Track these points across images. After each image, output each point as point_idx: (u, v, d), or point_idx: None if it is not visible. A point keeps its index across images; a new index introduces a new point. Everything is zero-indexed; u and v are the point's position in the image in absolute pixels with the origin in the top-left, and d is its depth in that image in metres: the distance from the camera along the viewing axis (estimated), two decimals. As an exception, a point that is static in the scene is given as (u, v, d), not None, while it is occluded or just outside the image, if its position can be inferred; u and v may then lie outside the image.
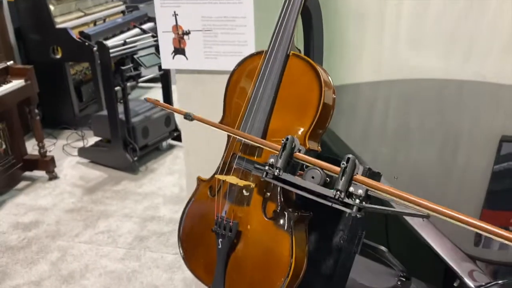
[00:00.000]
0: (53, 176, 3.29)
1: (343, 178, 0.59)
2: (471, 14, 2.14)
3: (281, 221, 0.76)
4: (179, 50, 1.31)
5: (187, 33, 1.28)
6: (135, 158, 3.32)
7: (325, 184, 0.62)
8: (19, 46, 3.76)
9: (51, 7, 3.67)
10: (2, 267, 2.45)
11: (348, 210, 0.60)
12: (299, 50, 0.84)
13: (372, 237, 1.13)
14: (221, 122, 0.82)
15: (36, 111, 3.12)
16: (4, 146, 3.08)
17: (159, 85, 3.83)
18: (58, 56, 3.69)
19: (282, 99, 0.77)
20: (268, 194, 0.77)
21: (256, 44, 1.24)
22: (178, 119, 3.79)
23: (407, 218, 1.15)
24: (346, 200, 0.60)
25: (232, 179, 0.78)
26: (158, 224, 2.78)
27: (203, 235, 0.84)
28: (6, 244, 2.64)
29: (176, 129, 3.71)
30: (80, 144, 3.72)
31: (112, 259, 2.48)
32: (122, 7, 4.55)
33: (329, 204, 0.61)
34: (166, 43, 1.32)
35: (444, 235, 1.32)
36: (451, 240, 1.34)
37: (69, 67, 3.91)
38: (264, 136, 0.76)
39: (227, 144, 0.82)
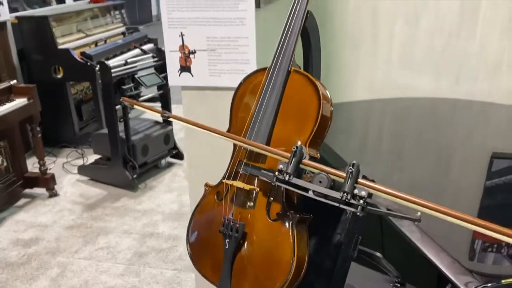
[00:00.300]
0: (53, 194, 3.32)
1: (349, 181, 0.66)
2: (461, 36, 2.23)
3: (284, 222, 0.82)
4: (185, 68, 1.39)
5: (193, 52, 1.36)
6: (135, 176, 3.37)
7: (331, 188, 0.68)
8: (22, 66, 3.84)
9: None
10: (2, 283, 2.47)
11: (353, 210, 0.66)
12: (299, 66, 0.91)
13: (368, 244, 1.18)
14: (228, 131, 0.88)
15: (38, 129, 3.18)
16: (5, 164, 3.12)
17: (159, 104, 3.90)
18: (60, 75, 3.76)
19: (284, 111, 0.84)
20: (272, 197, 0.83)
21: (257, 62, 1.32)
22: (177, 137, 3.86)
23: (406, 231, 1.20)
24: (352, 201, 0.66)
25: (239, 183, 0.84)
26: (157, 241, 2.81)
27: (211, 237, 0.90)
28: (6, 260, 2.66)
29: (175, 147, 3.77)
30: (79, 162, 3.76)
31: (111, 275, 2.50)
32: (123, 29, 4.66)
33: (337, 204, 0.67)
34: (173, 61, 1.40)
35: (439, 245, 1.36)
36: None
37: (70, 87, 3.98)
38: (268, 144, 0.82)
39: (233, 152, 0.89)
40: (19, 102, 2.99)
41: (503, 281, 1.01)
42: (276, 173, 0.71)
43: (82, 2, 5.05)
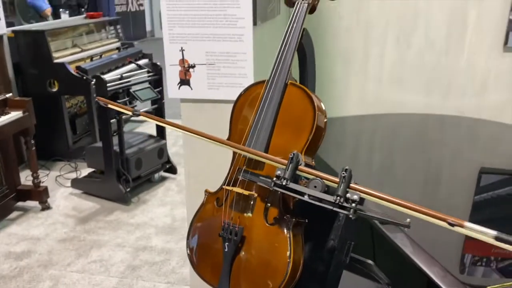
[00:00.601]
0: (46, 207, 3.32)
1: (342, 185, 0.70)
2: (450, 54, 2.32)
3: (281, 226, 0.86)
4: (184, 81, 1.44)
5: (193, 66, 1.41)
6: (128, 189, 3.38)
7: (325, 192, 0.73)
8: (17, 80, 3.87)
9: (48, 43, 3.81)
10: (-7, 296, 2.46)
11: (346, 213, 0.70)
12: (295, 80, 0.96)
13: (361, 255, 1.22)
14: (228, 139, 0.93)
15: (32, 142, 3.19)
16: (-2, 176, 3.13)
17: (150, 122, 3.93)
18: (55, 89, 3.79)
19: (281, 121, 0.90)
20: (269, 203, 0.87)
21: (254, 76, 1.37)
22: (171, 151, 3.89)
23: (399, 244, 1.22)
24: (345, 204, 0.71)
25: (238, 189, 0.88)
26: (150, 254, 2.82)
27: (211, 241, 0.93)
28: (-3, 273, 2.65)
29: (169, 161, 3.79)
30: (73, 175, 3.77)
31: (104, 288, 2.50)
32: (118, 44, 4.71)
33: (331, 207, 0.72)
34: (173, 75, 1.45)
35: (432, 257, 1.38)
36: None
37: (65, 100, 4.00)
38: (266, 152, 0.87)
39: (232, 160, 0.93)
40: (14, 115, 3.01)
41: (488, 287, 1.05)
42: (274, 178, 0.75)
43: (78, 17, 5.12)
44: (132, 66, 4.16)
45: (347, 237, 0.94)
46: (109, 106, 0.93)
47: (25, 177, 3.54)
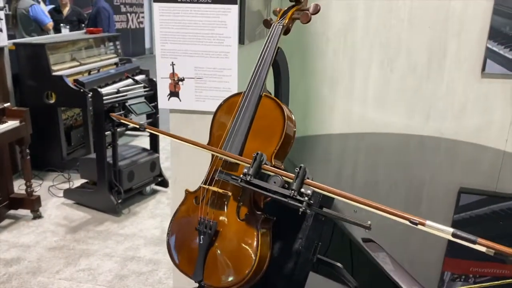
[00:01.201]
0: (37, 215, 3.37)
1: (296, 180, 0.79)
2: (430, 79, 2.44)
3: (250, 222, 0.96)
4: (174, 93, 1.55)
5: (182, 79, 1.52)
6: (119, 201, 3.44)
7: (283, 187, 0.82)
8: (16, 90, 3.96)
9: (47, 56, 3.92)
10: (-19, 300, 2.50)
11: (299, 205, 0.79)
12: (270, 92, 1.07)
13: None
14: (208, 144, 1.03)
15: (27, 151, 3.26)
16: (-8, 184, 3.18)
17: (147, 133, 4.03)
18: (52, 101, 3.88)
19: (255, 128, 1.00)
20: (241, 201, 0.97)
21: (238, 90, 1.48)
22: (164, 165, 3.97)
23: (380, 262, 1.28)
24: (299, 197, 0.80)
25: (214, 188, 0.98)
26: (138, 264, 2.87)
27: (188, 234, 1.03)
28: (-14, 278, 2.68)
29: (161, 175, 3.86)
30: (65, 186, 3.82)
31: (91, 295, 2.55)
32: (116, 59, 4.83)
33: (286, 200, 0.81)
34: (164, 87, 1.56)
35: (412, 276, 1.43)
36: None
37: (61, 112, 4.09)
38: (241, 155, 0.96)
39: (211, 162, 1.03)
40: (11, 124, 3.08)
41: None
42: (241, 175, 0.85)
43: (78, 32, 5.24)
44: (129, 81, 4.27)
45: (314, 237, 1.03)
46: (121, 121, 1.03)
47: (18, 186, 3.59)
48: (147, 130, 1.06)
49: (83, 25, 5.81)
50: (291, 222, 1.05)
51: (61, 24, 5.52)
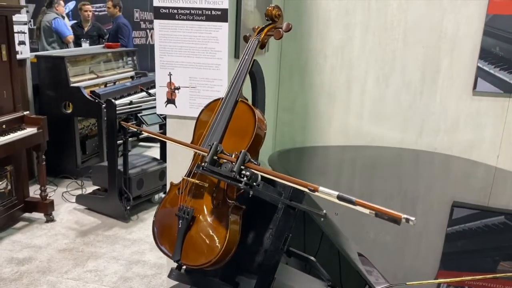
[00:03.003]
0: (50, 219, 3.52)
1: (236, 164, 0.95)
2: (424, 95, 2.54)
3: (222, 209, 1.10)
4: (170, 101, 1.71)
5: (178, 88, 1.68)
6: (128, 207, 3.57)
7: (232, 171, 0.98)
8: (35, 100, 4.17)
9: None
10: (-6, 296, 2.64)
11: (239, 185, 0.98)
12: (246, 98, 1.21)
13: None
14: (191, 143, 1.18)
15: (43, 157, 3.44)
16: (9, 187, 3.35)
17: (158, 145, 4.18)
18: (69, 111, 4.08)
19: (231, 128, 1.15)
20: (216, 191, 1.10)
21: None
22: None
23: (372, 278, 1.36)
24: (239, 178, 0.97)
25: (193, 180, 1.12)
26: (142, 267, 2.98)
27: (170, 220, 1.17)
28: (-1, 275, 2.83)
29: (169, 184, 3.99)
30: (78, 192, 3.98)
31: (96, 294, 2.67)
32: (132, 73, 5.04)
33: (228, 181, 1.00)
34: (161, 94, 1.72)
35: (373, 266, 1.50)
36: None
37: (78, 122, 4.29)
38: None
39: (193, 157, 1.17)
40: (29, 131, 3.27)
41: (407, 283, 1.21)
42: (203, 164, 1.01)
43: (97, 46, 5.49)
44: (143, 94, 4.45)
45: (284, 229, 1.14)
46: (143, 132, 1.17)
47: (34, 191, 3.76)
48: (143, 132, 1.19)
49: (103, 40, 6.07)
50: (264, 213, 1.18)
51: (82, 39, 5.78)
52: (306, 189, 0.78)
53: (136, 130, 1.14)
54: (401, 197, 2.32)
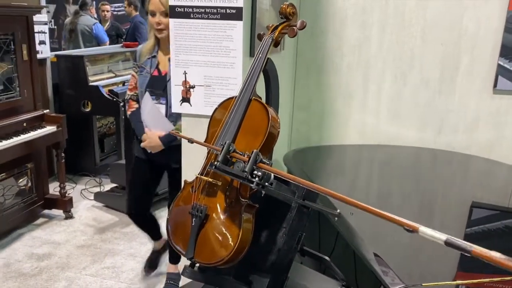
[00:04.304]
0: (69, 216, 3.58)
1: (248, 164, 0.94)
2: (442, 93, 2.50)
3: (235, 208, 1.10)
4: (185, 99, 1.72)
5: (193, 87, 1.69)
6: (145, 205, 3.60)
7: (244, 171, 0.99)
8: (55, 99, 4.24)
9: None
10: (14, 290, 2.70)
11: (251, 185, 0.98)
12: (260, 97, 1.21)
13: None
14: (204, 141, 1.18)
15: (62, 154, 3.50)
16: (29, 184, 3.42)
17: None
18: (88, 109, 4.13)
19: (244, 127, 1.15)
20: (229, 189, 1.11)
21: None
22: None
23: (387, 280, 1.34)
24: (250, 178, 0.97)
25: (206, 178, 1.13)
26: (159, 265, 3.01)
27: (183, 217, 1.18)
28: (20, 271, 2.89)
29: (186, 182, 4.02)
30: (96, 189, 4.04)
31: (113, 291, 2.70)
32: (149, 72, 5.07)
33: (241, 180, 1.00)
34: (177, 93, 1.73)
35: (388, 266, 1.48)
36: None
37: (96, 120, 4.34)
38: (231, 149, 1.10)
39: (206, 155, 1.18)
40: (49, 129, 3.32)
41: (423, 284, 1.19)
42: (216, 163, 1.01)
43: (115, 46, 5.54)
44: (160, 92, 4.48)
45: (298, 228, 1.14)
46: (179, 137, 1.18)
47: (53, 188, 3.83)
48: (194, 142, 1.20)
49: (121, 39, 6.13)
50: (277, 212, 1.18)
51: (101, 38, 5.85)
52: (403, 227, 0.68)
53: (188, 140, 1.13)
54: (418, 197, 2.28)
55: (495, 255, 0.62)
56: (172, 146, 2.13)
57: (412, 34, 2.47)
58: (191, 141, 1.17)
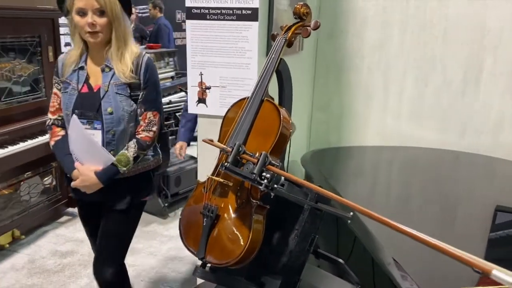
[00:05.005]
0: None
1: (257, 166, 0.95)
2: (466, 94, 2.45)
3: (246, 209, 1.11)
4: (201, 100, 1.74)
5: (209, 88, 1.70)
6: (166, 204, 3.65)
7: (253, 173, 1.00)
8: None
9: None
10: (37, 286, 2.76)
11: (259, 187, 0.98)
12: (272, 98, 1.21)
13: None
14: (217, 141, 1.20)
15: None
16: (54, 183, 3.50)
17: (195, 143, 4.23)
18: (111, 110, 4.20)
19: (256, 127, 1.16)
20: (240, 190, 1.12)
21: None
22: (209, 173, 4.15)
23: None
24: (259, 180, 0.98)
25: (217, 178, 1.14)
26: (178, 264, 3.03)
27: (195, 217, 1.20)
28: (43, 267, 2.96)
29: (206, 182, 4.04)
30: (119, 188, 4.10)
31: (133, 289, 2.74)
32: (172, 73, 5.14)
33: (250, 182, 1.01)
34: (193, 94, 1.75)
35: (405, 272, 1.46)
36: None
37: (120, 120, 4.40)
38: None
39: (218, 157, 1.19)
40: (73, 129, 3.39)
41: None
42: (226, 164, 1.02)
43: (140, 47, 5.62)
44: (182, 93, 4.53)
45: (311, 230, 1.13)
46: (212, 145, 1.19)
47: (78, 187, 3.91)
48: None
49: (145, 41, 6.22)
50: (290, 213, 1.18)
51: (125, 40, 5.94)
52: (474, 269, 0.61)
53: (223, 149, 1.12)
54: (440, 200, 2.23)
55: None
56: (117, 181, 1.71)
57: (433, 34, 2.42)
58: (205, 141, 1.18)
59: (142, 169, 1.82)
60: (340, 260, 1.25)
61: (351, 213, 0.96)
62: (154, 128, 1.73)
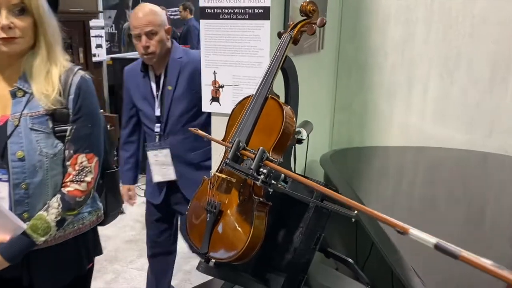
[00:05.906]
0: (120, 211, 3.73)
1: (254, 161, 0.96)
2: (493, 92, 2.36)
3: (248, 205, 1.12)
4: (215, 99, 1.76)
5: (222, 86, 1.73)
6: (191, 203, 3.69)
7: (250, 168, 1.01)
8: (111, 100, 4.45)
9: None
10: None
11: (256, 182, 0.99)
12: (277, 95, 1.22)
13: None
14: (222, 139, 1.22)
15: (115, 153, 3.65)
16: (84, 181, 3.60)
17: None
18: (141, 110, 4.29)
19: (260, 124, 1.18)
20: (243, 186, 1.14)
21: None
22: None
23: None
24: (255, 175, 0.98)
25: (221, 175, 1.17)
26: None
27: (199, 213, 1.23)
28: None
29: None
30: (147, 187, 4.18)
31: (156, 285, 2.79)
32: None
33: (247, 177, 1.03)
34: (207, 93, 1.77)
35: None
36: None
37: (148, 121, 4.49)
38: (246, 145, 1.13)
39: (223, 154, 1.21)
40: (103, 128, 3.49)
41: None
42: (227, 160, 1.05)
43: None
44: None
45: (316, 228, 1.13)
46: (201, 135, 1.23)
47: (107, 185, 4.02)
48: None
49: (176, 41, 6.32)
50: (295, 211, 1.18)
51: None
52: (394, 229, 0.67)
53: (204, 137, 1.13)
54: (467, 202, 2.18)
55: (485, 262, 0.58)
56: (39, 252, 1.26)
57: (459, 31, 2.36)
58: (206, 138, 1.20)
59: (73, 234, 1.39)
60: (350, 260, 1.24)
61: (356, 212, 0.95)
62: (89, 178, 1.28)
